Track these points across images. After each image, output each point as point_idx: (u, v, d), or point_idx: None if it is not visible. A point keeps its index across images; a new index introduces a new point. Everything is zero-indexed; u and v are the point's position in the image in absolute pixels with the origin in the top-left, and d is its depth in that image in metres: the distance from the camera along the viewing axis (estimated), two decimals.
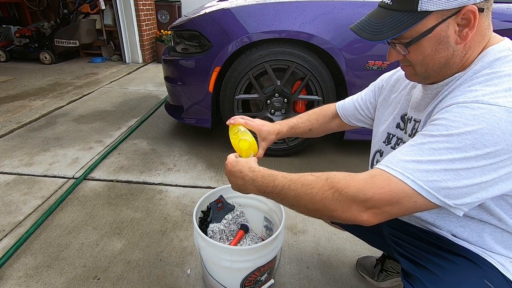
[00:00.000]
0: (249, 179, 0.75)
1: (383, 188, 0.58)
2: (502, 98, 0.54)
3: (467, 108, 0.56)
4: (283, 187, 0.68)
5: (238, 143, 0.91)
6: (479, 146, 0.53)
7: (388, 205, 0.58)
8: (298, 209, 0.69)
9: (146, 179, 1.91)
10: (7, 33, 5.09)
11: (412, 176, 0.56)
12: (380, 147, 0.90)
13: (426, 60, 0.65)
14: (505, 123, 0.52)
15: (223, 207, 1.23)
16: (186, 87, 2.11)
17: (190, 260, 1.34)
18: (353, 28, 0.68)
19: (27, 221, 1.53)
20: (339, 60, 1.86)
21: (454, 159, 0.55)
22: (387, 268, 1.20)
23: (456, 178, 0.55)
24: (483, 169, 0.54)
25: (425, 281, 0.65)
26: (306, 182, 0.66)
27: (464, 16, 0.58)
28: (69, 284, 1.21)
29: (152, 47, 5.37)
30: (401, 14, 0.61)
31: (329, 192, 0.62)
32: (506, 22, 1.73)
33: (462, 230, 0.70)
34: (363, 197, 0.59)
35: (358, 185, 0.60)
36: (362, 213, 0.60)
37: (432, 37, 0.61)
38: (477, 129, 0.53)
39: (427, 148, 0.57)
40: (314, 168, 2.08)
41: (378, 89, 0.97)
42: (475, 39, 0.62)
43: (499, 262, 0.66)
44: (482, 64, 0.62)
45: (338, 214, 0.62)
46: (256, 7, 1.88)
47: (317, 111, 1.11)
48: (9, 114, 2.82)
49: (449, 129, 0.56)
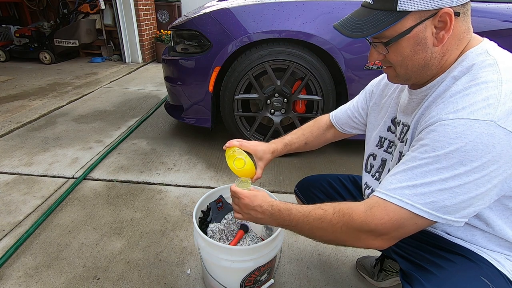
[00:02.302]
0: (269, 213, 0.78)
1: (383, 219, 0.62)
2: (480, 110, 0.56)
3: (449, 126, 0.58)
4: (298, 221, 0.73)
5: (234, 162, 0.93)
6: (466, 162, 0.56)
7: (393, 231, 0.63)
8: (315, 239, 0.74)
9: (146, 179, 1.91)
10: (6, 33, 5.09)
11: (411, 201, 0.60)
12: (373, 150, 0.93)
13: (405, 61, 0.67)
14: (486, 136, 0.55)
15: (223, 207, 1.23)
16: (186, 87, 2.10)
17: (190, 260, 1.34)
18: (335, 26, 0.71)
19: (26, 221, 1.53)
20: (339, 60, 1.86)
21: (446, 178, 0.58)
22: (386, 268, 1.20)
23: (452, 196, 0.58)
24: (476, 182, 0.57)
25: (423, 280, 0.65)
26: (317, 216, 0.70)
27: (441, 18, 0.61)
28: (69, 284, 1.21)
29: (152, 47, 5.37)
30: (381, 13, 0.63)
31: (338, 225, 0.67)
32: (506, 22, 1.73)
33: (456, 229, 0.71)
34: (367, 229, 0.64)
35: (360, 218, 0.64)
36: (373, 241, 0.65)
37: (410, 37, 0.63)
38: (460, 147, 0.56)
39: (419, 172, 0.60)
40: (314, 168, 2.08)
41: (369, 94, 0.99)
42: (452, 42, 0.64)
43: (494, 258, 0.68)
44: (461, 69, 0.64)
45: (351, 243, 0.68)
46: (256, 7, 1.88)
47: (311, 124, 1.14)
48: (8, 114, 2.82)
49: (435, 149, 0.59)
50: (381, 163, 0.89)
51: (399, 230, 0.62)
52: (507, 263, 0.67)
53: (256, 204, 0.80)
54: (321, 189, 1.12)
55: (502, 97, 0.56)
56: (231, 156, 0.97)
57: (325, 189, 1.12)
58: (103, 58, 5.15)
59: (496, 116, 0.55)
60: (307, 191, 1.16)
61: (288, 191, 1.82)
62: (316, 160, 2.17)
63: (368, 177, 0.93)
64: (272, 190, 1.81)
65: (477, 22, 1.72)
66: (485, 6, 1.76)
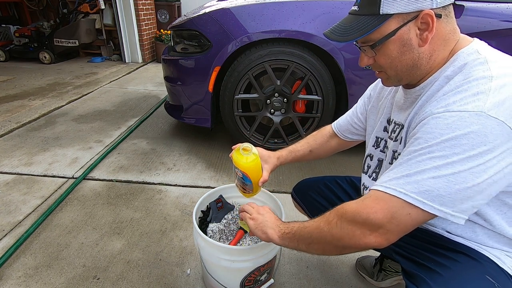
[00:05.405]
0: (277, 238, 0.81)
1: (374, 207, 0.62)
2: (470, 103, 0.57)
3: (440, 118, 0.59)
4: (297, 230, 0.76)
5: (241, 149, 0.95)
6: (459, 151, 0.56)
7: (386, 222, 0.61)
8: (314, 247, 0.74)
9: (146, 179, 1.91)
10: (6, 33, 5.08)
11: (404, 189, 0.60)
12: (370, 151, 0.93)
13: (394, 63, 0.70)
14: (477, 125, 0.55)
15: (222, 206, 1.23)
16: (185, 87, 2.10)
17: (189, 260, 1.34)
18: (325, 33, 0.74)
19: (26, 220, 1.53)
20: (339, 60, 1.86)
21: (439, 165, 0.58)
22: (386, 268, 1.21)
23: (447, 184, 0.57)
24: (471, 171, 0.56)
25: (429, 280, 0.65)
26: (317, 222, 0.73)
27: (423, 20, 0.63)
28: (69, 284, 1.21)
29: (152, 46, 5.37)
30: (366, 17, 0.67)
31: (334, 221, 0.68)
32: (506, 22, 1.73)
33: (456, 227, 0.71)
34: (360, 219, 0.64)
35: (352, 209, 0.65)
36: (368, 236, 0.64)
37: (396, 39, 0.66)
38: (452, 137, 0.57)
39: (413, 162, 0.61)
40: (314, 168, 2.08)
41: (367, 99, 1.00)
42: (438, 42, 0.67)
43: (495, 255, 0.68)
44: (454, 69, 0.65)
45: (347, 242, 0.67)
46: (255, 6, 1.88)
47: (315, 133, 1.15)
48: (8, 113, 2.82)
49: (428, 141, 0.60)
50: (377, 163, 0.90)
51: (392, 221, 0.61)
52: (507, 259, 0.68)
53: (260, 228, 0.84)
54: (318, 191, 1.12)
55: (492, 91, 0.57)
56: (238, 149, 0.97)
57: (322, 192, 1.12)
58: (103, 58, 5.14)
59: (485, 107, 0.56)
60: (305, 195, 1.16)
61: (288, 191, 1.82)
62: (316, 160, 2.17)
63: (366, 177, 0.94)
64: (272, 190, 1.81)
65: (477, 22, 1.73)
66: (485, 6, 1.76)
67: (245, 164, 0.95)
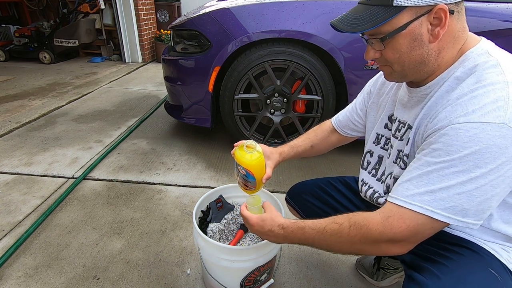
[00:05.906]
0: (282, 236, 0.79)
1: (401, 227, 0.63)
2: (491, 113, 0.57)
3: (461, 130, 0.58)
4: (314, 239, 0.73)
5: (245, 146, 0.94)
6: (482, 164, 0.57)
7: (411, 237, 0.64)
8: (334, 252, 0.75)
9: (146, 179, 1.91)
10: (6, 33, 5.08)
11: (431, 207, 0.60)
12: (370, 147, 0.93)
13: (402, 58, 0.67)
14: (499, 138, 0.56)
15: (222, 206, 1.23)
16: (185, 87, 2.10)
17: (189, 259, 1.34)
18: (332, 22, 0.71)
19: (26, 220, 1.53)
20: (339, 60, 1.86)
21: (464, 181, 0.58)
22: (384, 266, 1.21)
23: (470, 199, 0.59)
24: (492, 184, 0.58)
25: (436, 271, 0.66)
26: (333, 231, 0.70)
27: (436, 15, 0.62)
28: (69, 284, 1.21)
29: (152, 46, 5.37)
30: (378, 8, 0.64)
31: (356, 238, 0.68)
32: (506, 22, 1.73)
33: None
34: (386, 238, 0.65)
35: (378, 230, 0.65)
36: (392, 247, 0.66)
37: (406, 33, 0.64)
38: (475, 150, 0.57)
39: (435, 176, 0.61)
40: (314, 168, 2.08)
41: (367, 95, 0.99)
42: (448, 39, 0.65)
43: (493, 248, 0.70)
44: (464, 70, 0.64)
45: (371, 252, 0.71)
46: (255, 6, 1.88)
47: (315, 128, 1.14)
48: (8, 113, 2.82)
49: (450, 153, 0.59)
50: (377, 160, 0.90)
51: (417, 236, 0.63)
52: (503, 252, 0.69)
53: (266, 229, 0.80)
54: (313, 194, 1.12)
55: (511, 99, 0.57)
56: (241, 146, 0.96)
57: (317, 194, 1.11)
58: (103, 58, 5.14)
59: (507, 118, 0.56)
60: (299, 198, 1.16)
61: None
62: (316, 160, 2.17)
63: (365, 173, 0.93)
64: (272, 190, 1.81)
65: (477, 22, 1.73)
66: (485, 6, 1.76)
67: (249, 162, 0.93)
